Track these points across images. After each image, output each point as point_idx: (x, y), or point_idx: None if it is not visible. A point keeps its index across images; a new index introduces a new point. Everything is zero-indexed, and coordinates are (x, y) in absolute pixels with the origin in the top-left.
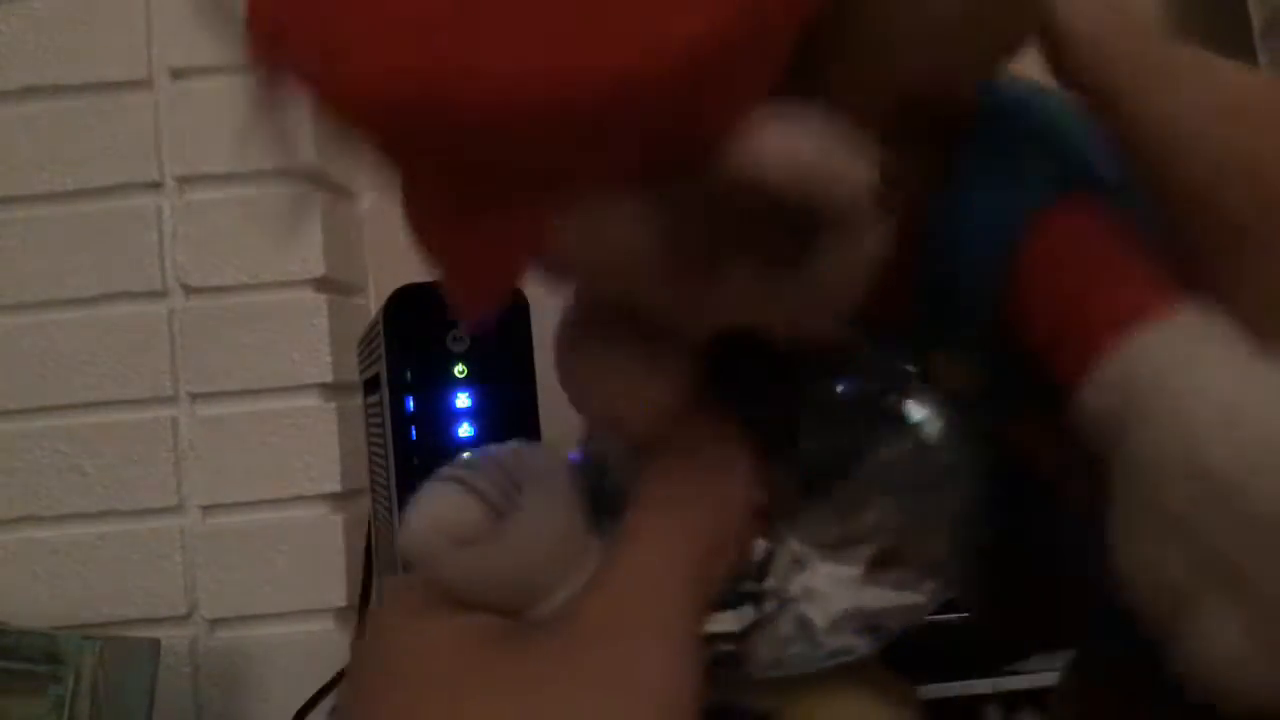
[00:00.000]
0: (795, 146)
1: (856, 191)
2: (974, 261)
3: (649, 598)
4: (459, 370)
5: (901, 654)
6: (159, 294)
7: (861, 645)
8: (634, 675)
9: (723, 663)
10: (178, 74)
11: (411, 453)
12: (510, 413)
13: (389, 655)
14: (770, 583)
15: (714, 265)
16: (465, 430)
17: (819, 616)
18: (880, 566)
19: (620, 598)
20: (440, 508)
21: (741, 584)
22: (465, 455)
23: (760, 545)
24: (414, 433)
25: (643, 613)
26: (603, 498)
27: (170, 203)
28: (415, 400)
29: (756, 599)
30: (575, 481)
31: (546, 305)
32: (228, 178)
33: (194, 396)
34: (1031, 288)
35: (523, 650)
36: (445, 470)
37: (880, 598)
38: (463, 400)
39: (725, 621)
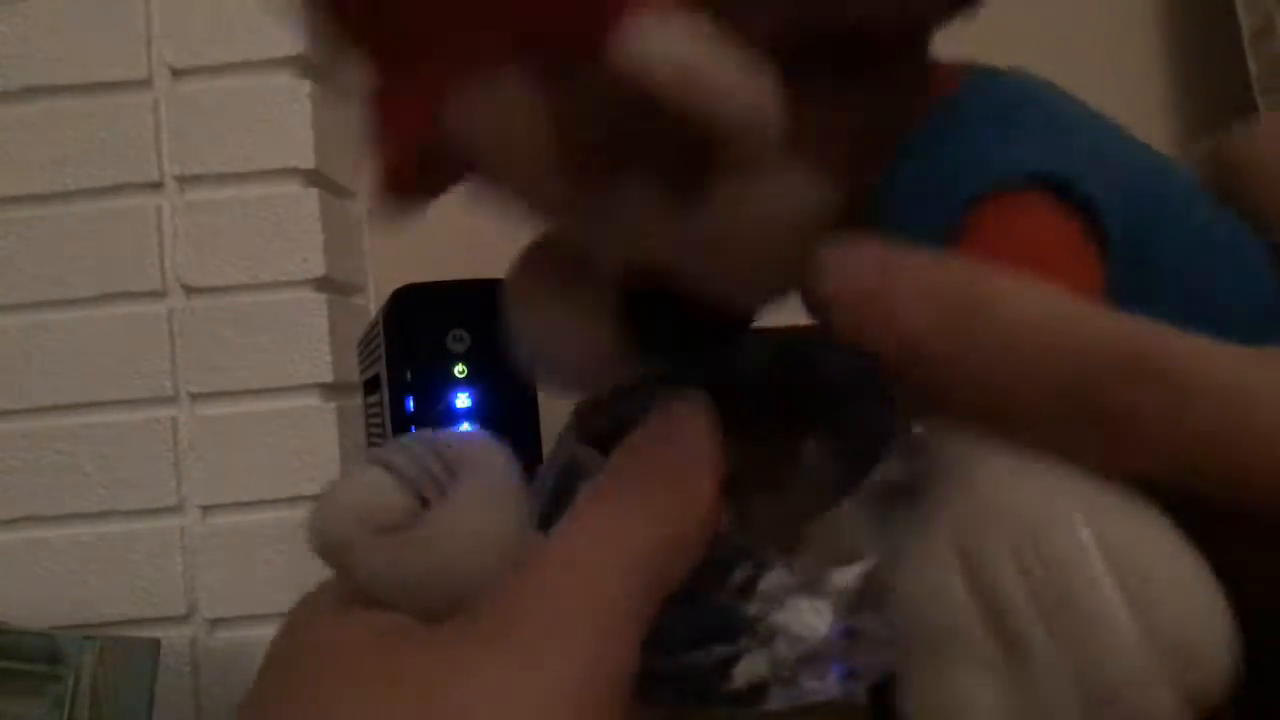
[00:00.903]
0: (680, 46)
1: (748, 113)
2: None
3: (579, 581)
4: (459, 370)
5: None
6: (159, 294)
7: (838, 689)
8: (551, 661)
9: (693, 693)
10: (178, 74)
11: None
12: (510, 413)
13: (293, 654)
14: (750, 610)
15: (611, 173)
16: (465, 430)
17: (795, 655)
18: (865, 603)
19: (547, 580)
20: (359, 492)
21: (721, 611)
22: (400, 438)
23: (742, 568)
24: (414, 433)
25: (569, 596)
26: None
27: (170, 203)
28: (415, 400)
29: (735, 629)
30: (517, 477)
31: None
32: (228, 178)
33: (194, 396)
34: None
35: (439, 640)
36: (373, 452)
37: (861, 642)
38: (463, 400)
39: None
